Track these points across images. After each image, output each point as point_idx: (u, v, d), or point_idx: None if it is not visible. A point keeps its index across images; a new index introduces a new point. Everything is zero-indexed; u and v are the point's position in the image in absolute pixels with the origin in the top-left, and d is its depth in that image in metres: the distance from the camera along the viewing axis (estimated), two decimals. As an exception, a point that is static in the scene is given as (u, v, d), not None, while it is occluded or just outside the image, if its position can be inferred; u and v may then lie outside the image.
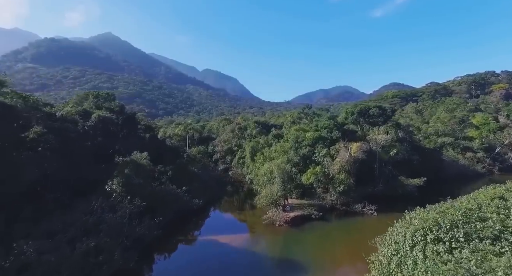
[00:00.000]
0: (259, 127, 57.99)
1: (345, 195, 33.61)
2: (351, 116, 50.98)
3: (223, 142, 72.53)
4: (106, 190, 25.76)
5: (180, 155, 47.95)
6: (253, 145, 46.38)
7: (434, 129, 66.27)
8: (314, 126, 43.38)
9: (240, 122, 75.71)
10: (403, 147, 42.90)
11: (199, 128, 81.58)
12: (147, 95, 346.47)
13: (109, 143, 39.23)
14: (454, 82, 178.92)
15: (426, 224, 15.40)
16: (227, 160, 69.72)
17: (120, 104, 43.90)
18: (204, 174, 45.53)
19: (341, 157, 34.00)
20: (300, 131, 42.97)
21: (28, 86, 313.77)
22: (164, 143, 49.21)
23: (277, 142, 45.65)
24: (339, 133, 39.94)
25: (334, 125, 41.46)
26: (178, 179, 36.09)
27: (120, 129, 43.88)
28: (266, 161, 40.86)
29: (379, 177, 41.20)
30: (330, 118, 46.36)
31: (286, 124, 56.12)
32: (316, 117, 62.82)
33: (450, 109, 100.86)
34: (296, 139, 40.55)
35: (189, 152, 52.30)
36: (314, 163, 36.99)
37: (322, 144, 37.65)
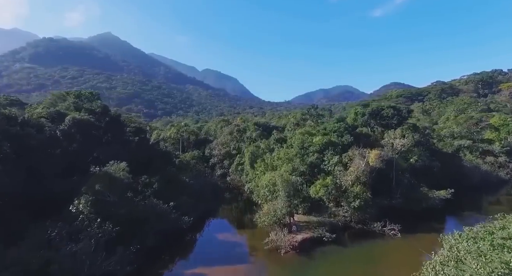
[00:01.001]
0: (259, 130, 52.94)
1: (361, 211, 28.55)
2: (361, 117, 45.87)
3: (220, 145, 67.49)
4: (71, 212, 20.75)
5: (171, 162, 42.94)
6: (252, 151, 41.32)
7: (449, 131, 61.15)
8: (322, 129, 38.31)
9: (239, 123, 70.68)
10: (423, 153, 37.88)
11: (196, 130, 76.54)
12: (145, 95, 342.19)
13: (87, 150, 34.23)
14: (461, 81, 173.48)
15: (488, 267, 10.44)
16: (225, 164, 64.65)
17: (102, 104, 38.84)
18: (198, 183, 40.51)
19: (355, 167, 28.93)
20: (305, 135, 37.90)
21: (25, 86, 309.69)
22: (153, 148, 44.22)
23: (280, 147, 40.59)
24: (351, 138, 34.86)
25: (345, 129, 36.39)
26: (166, 192, 31.10)
27: (102, 133, 38.94)
28: (267, 170, 35.80)
29: (397, 188, 36.13)
30: (339, 120, 41.25)
31: (289, 126, 51.02)
32: (320, 118, 57.78)
33: (460, 109, 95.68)
34: (301, 144, 35.49)
35: (182, 158, 47.28)
36: (323, 173, 31.93)
37: (332, 150, 32.57)
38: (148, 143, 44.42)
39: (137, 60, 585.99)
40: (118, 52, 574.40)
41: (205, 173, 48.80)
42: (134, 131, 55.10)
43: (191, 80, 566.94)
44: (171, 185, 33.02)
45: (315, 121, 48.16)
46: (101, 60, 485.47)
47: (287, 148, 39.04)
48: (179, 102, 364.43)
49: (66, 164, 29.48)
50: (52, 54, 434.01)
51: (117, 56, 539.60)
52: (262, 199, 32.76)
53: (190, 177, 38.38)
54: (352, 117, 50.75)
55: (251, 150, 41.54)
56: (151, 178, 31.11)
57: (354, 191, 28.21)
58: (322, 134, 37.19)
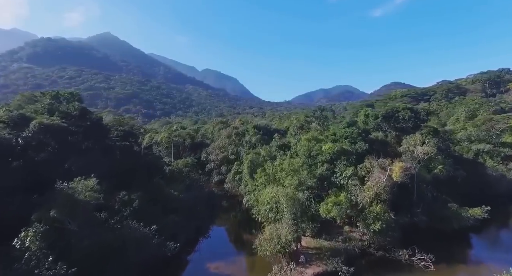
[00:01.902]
0: (259, 134, 48.09)
1: (382, 235, 23.70)
2: (373, 120, 40.96)
3: (218, 149, 62.68)
4: (15, 247, 15.95)
5: (160, 171, 38.11)
6: (252, 158, 36.48)
7: (466, 134, 56.21)
8: (331, 134, 33.43)
9: (237, 125, 65.82)
10: (446, 161, 33.00)
11: (192, 133, 71.71)
12: (144, 96, 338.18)
13: (62, 160, 29.43)
14: (467, 80, 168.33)
15: None
16: (223, 170, 59.90)
17: (80, 106, 33.99)
18: (191, 195, 35.69)
19: (375, 181, 24.10)
20: (312, 141, 33.03)
21: (22, 86, 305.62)
22: (140, 155, 39.36)
23: (283, 154, 35.76)
24: (365, 145, 29.97)
25: (359, 134, 31.50)
26: (150, 210, 26.30)
27: (81, 139, 34.14)
28: (269, 182, 30.97)
29: (418, 202, 31.31)
30: (351, 124, 36.38)
31: (292, 130, 46.15)
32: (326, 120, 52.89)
33: (471, 109, 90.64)
34: (308, 152, 30.64)
35: (174, 165, 42.45)
36: (334, 187, 27.08)
37: (345, 160, 27.71)
38: (133, 150, 39.52)
39: (136, 60, 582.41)
40: (117, 52, 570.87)
41: (200, 181, 43.97)
42: (123, 135, 50.25)
43: (191, 80, 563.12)
44: (156, 202, 28.20)
45: (322, 124, 43.27)
46: (100, 60, 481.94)
47: (291, 156, 34.20)
48: (178, 102, 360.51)
49: (31, 179, 24.75)
50: (51, 54, 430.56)
51: (116, 56, 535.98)
52: (263, 217, 27.98)
53: (181, 189, 33.54)
54: (362, 120, 45.87)
55: (250, 158, 36.70)
56: (132, 194, 26.26)
57: (373, 211, 23.36)
58: (332, 140, 32.32)
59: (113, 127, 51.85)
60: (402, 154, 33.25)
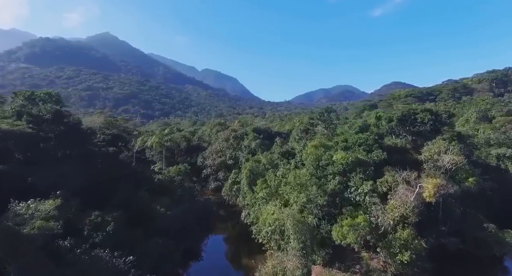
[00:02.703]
0: (259, 138, 43.73)
1: (410, 266, 19.35)
2: (387, 123, 36.55)
3: (215, 153, 58.36)
4: None
5: (148, 181, 33.73)
6: (251, 167, 32.13)
7: (484, 137, 51.75)
8: (342, 141, 29.03)
9: (236, 128, 61.46)
10: (475, 171, 28.63)
11: (188, 135, 67.40)
12: (143, 96, 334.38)
13: (24, 173, 25.08)
14: (474, 80, 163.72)
15: None
16: (220, 176, 55.60)
17: (55, 108, 29.62)
18: (181, 209, 31.37)
19: (400, 201, 19.72)
20: (320, 148, 28.67)
21: (19, 86, 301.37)
22: (125, 163, 35.01)
23: (287, 163, 31.40)
24: (383, 154, 25.60)
25: (375, 141, 27.11)
26: (130, 233, 22.01)
27: (55, 146, 29.84)
28: (271, 196, 26.62)
29: (445, 220, 26.96)
30: (363, 128, 31.98)
31: (296, 134, 41.75)
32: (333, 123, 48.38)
33: (482, 109, 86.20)
34: (316, 162, 26.29)
35: (165, 174, 38.12)
36: (349, 205, 22.72)
37: (361, 173, 23.34)
38: (118, 157, 35.17)
39: (136, 60, 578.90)
40: (116, 52, 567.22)
41: (194, 190, 39.62)
42: (110, 139, 45.88)
43: (191, 80, 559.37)
44: (139, 221, 23.88)
45: (328, 127, 38.89)
46: (99, 60, 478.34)
47: (296, 166, 29.83)
48: (177, 102, 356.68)
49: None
50: (49, 54, 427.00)
51: (115, 56, 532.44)
52: (264, 238, 23.66)
53: (169, 204, 29.18)
54: (373, 123, 41.48)
55: (249, 166, 32.34)
56: (108, 214, 21.90)
57: (400, 238, 18.99)
58: (343, 147, 27.94)
59: (100, 130, 47.59)
60: (423, 163, 28.98)
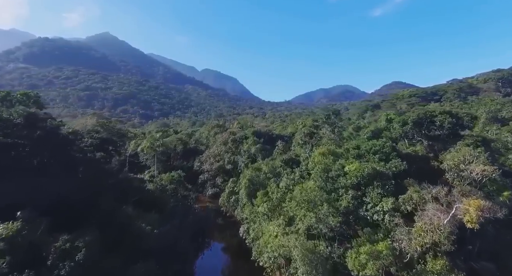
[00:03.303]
0: (259, 143, 40.28)
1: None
2: (400, 126, 33.07)
3: (212, 157, 55.05)
4: None
5: (136, 192, 30.27)
6: (251, 177, 28.68)
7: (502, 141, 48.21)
8: (353, 148, 25.56)
9: (234, 130, 58.09)
10: (507, 182, 25.16)
11: (184, 138, 64.01)
12: (142, 96, 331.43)
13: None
14: (479, 79, 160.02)
15: None
16: (218, 182, 52.27)
17: (26, 111, 26.18)
18: (172, 224, 27.93)
19: (431, 223, 16.27)
20: (329, 156, 25.23)
21: (16, 86, 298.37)
22: (112, 172, 31.50)
23: (290, 172, 27.94)
24: (403, 164, 22.12)
25: (392, 149, 23.63)
26: (106, 260, 18.59)
27: (28, 155, 26.45)
28: (273, 212, 23.20)
29: (473, 239, 23.50)
30: (376, 133, 28.49)
31: (299, 138, 38.26)
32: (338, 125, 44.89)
33: (493, 110, 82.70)
34: (325, 173, 22.86)
35: (156, 181, 34.67)
36: (367, 225, 19.27)
37: (379, 188, 19.87)
38: (102, 165, 31.66)
39: (135, 60, 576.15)
40: (116, 52, 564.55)
41: (189, 200, 36.18)
42: (98, 144, 42.52)
43: (190, 80, 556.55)
44: (119, 243, 20.46)
45: (335, 131, 35.40)
46: (98, 60, 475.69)
47: (302, 176, 26.38)
48: (177, 102, 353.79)
49: None
50: (48, 54, 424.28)
51: (115, 56, 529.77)
52: (266, 262, 20.25)
53: (158, 219, 25.73)
54: (383, 126, 38.00)
55: (248, 175, 28.89)
56: (81, 238, 18.44)
57: (433, 271, 15.52)
58: (355, 156, 24.48)
59: (88, 133, 44.21)
60: (445, 173, 25.54)
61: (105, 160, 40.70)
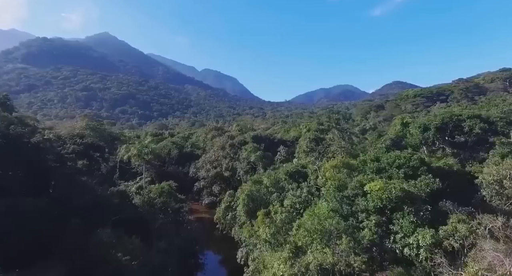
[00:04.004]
0: (260, 150, 36.22)
1: None
2: (420, 132, 29.01)
3: (209, 163, 51.07)
4: None
5: (120, 209, 26.20)
6: (250, 192, 24.63)
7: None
8: (371, 160, 21.45)
9: (233, 134, 54.06)
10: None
11: (179, 142, 60.01)
12: (141, 96, 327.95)
13: None
14: (486, 79, 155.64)
15: None
16: (215, 190, 48.30)
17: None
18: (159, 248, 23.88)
19: (490, 268, 12.22)
20: (343, 169, 21.17)
21: (14, 87, 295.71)
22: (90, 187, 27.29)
23: (297, 187, 23.86)
24: (437, 182, 18.02)
25: (421, 162, 19.50)
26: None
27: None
28: (277, 239, 19.16)
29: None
30: (396, 142, 24.36)
31: (304, 145, 34.14)
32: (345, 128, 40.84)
33: (504, 111, 78.67)
34: (339, 191, 18.81)
35: (143, 194, 30.61)
36: (395, 262, 15.20)
37: (411, 214, 15.77)
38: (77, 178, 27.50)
39: (135, 60, 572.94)
40: (115, 52, 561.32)
41: (180, 215, 32.12)
42: (82, 150, 38.56)
43: (190, 80, 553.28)
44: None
45: (345, 137, 31.27)
46: (97, 60, 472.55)
47: (310, 191, 22.32)
48: (176, 103, 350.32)
49: None
50: (47, 54, 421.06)
51: (114, 56, 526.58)
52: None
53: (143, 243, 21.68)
54: (397, 130, 33.98)
55: (247, 191, 24.83)
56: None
57: None
58: (375, 170, 20.39)
59: (71, 139, 40.21)
60: (480, 189, 21.49)
61: (88, 168, 36.74)
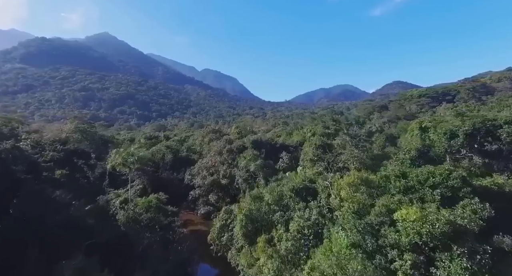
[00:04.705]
0: (260, 158, 32.29)
1: None
2: (447, 140, 25.05)
3: (205, 169, 47.15)
4: None
5: (95, 230, 22.27)
6: (249, 211, 20.70)
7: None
8: (396, 175, 17.50)
9: (231, 137, 50.13)
10: None
11: (174, 146, 56.15)
12: (140, 96, 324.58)
13: None
14: (492, 78, 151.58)
15: None
16: (211, 200, 44.42)
17: None
18: None
19: None
20: (361, 187, 17.26)
21: (11, 87, 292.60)
22: (57, 206, 23.21)
23: (304, 207, 19.93)
24: (488, 209, 14.07)
25: (463, 180, 15.54)
26: None
27: None
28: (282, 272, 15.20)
29: None
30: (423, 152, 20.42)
31: (311, 152, 30.13)
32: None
33: (518, 112, 74.52)
34: (359, 218, 14.90)
35: (128, 210, 26.70)
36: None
37: (464, 258, 11.85)
38: (43, 195, 23.47)
39: (134, 60, 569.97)
40: (115, 52, 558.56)
41: (171, 232, 28.20)
42: (63, 158, 34.96)
43: (190, 80, 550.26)
44: None
45: (358, 144, 27.27)
46: (97, 60, 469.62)
47: (321, 213, 18.44)
48: (176, 103, 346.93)
49: None
50: (46, 54, 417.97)
51: (113, 56, 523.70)
52: None
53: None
54: (414, 135, 30.09)
55: (246, 210, 20.89)
56: None
57: None
58: (402, 189, 16.46)
59: (51, 145, 36.34)
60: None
61: (69, 178, 32.82)
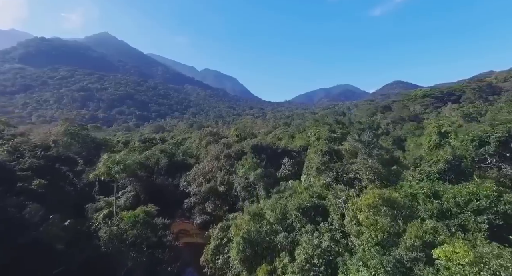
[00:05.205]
0: (260, 167, 29.13)
1: None
2: (475, 148, 21.89)
3: (202, 175, 44.09)
4: None
5: (65, 255, 19.15)
6: (247, 234, 17.55)
7: None
8: (425, 195, 14.34)
9: (230, 141, 47.01)
10: None
11: (170, 149, 53.03)
12: (139, 96, 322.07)
13: None
14: (498, 78, 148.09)
15: None
16: (208, 208, 41.30)
17: None
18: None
19: None
20: (382, 208, 14.04)
21: (9, 87, 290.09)
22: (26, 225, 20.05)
23: (313, 229, 16.80)
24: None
25: None
26: None
27: None
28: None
29: None
30: (454, 165, 17.33)
31: (318, 160, 26.93)
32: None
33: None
34: (383, 249, 11.68)
35: (112, 225, 23.60)
36: None
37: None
38: (9, 214, 20.33)
39: (134, 60, 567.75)
40: (114, 52, 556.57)
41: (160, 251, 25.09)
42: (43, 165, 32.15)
43: (190, 80, 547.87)
44: None
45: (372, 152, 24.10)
46: (96, 60, 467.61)
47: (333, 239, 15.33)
48: (175, 103, 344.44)
49: None
50: (45, 54, 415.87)
51: (113, 56, 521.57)
52: None
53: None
54: (432, 140, 27.07)
55: (244, 231, 17.74)
56: None
57: None
58: (435, 212, 13.26)
59: (31, 151, 33.23)
60: None
61: (48, 188, 29.70)
